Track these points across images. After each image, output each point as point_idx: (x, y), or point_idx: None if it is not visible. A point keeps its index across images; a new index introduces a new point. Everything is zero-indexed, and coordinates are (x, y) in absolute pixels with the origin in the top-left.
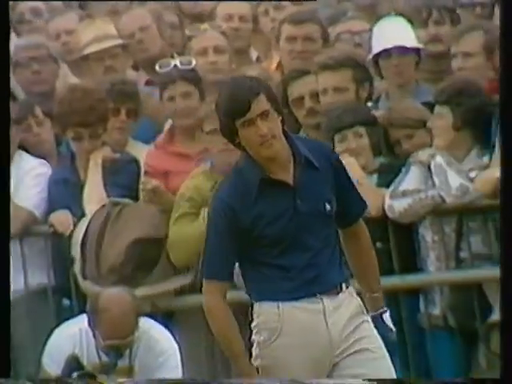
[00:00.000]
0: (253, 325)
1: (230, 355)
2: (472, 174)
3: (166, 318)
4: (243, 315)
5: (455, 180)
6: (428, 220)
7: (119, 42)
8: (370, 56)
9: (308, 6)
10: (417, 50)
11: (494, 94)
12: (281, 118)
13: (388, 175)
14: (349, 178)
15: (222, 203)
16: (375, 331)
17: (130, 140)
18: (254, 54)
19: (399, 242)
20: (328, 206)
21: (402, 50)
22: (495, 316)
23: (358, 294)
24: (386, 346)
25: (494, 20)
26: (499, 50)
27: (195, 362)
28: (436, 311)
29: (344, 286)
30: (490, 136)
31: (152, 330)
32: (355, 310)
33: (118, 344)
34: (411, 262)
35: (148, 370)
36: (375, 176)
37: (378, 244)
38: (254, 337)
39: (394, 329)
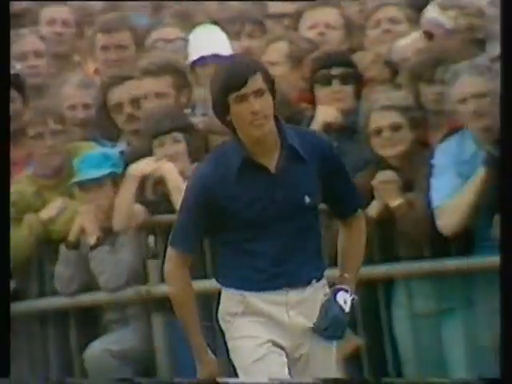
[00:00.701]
0: (218, 312)
1: (183, 325)
2: None
3: None
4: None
5: None
6: None
7: None
8: (187, 63)
9: (120, 13)
10: None
11: (302, 103)
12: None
13: None
14: (345, 172)
15: (198, 180)
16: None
17: None
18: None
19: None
20: (307, 199)
21: (218, 58)
22: None
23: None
24: (334, 325)
25: (299, 31)
26: (501, 51)
27: None
28: None
29: (314, 280)
30: None
31: None
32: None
33: None
34: None
35: None
36: None
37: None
38: (220, 324)
39: (346, 309)
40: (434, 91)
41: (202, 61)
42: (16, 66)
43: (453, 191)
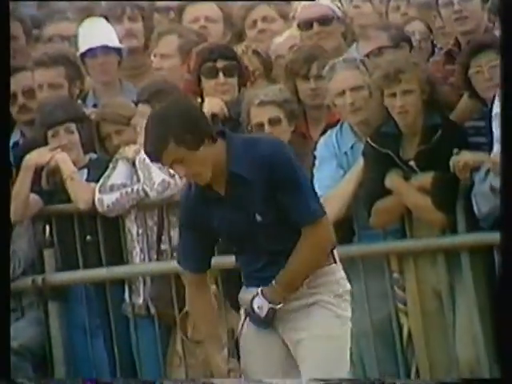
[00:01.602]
0: None
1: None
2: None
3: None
4: None
5: (158, 175)
6: (133, 213)
7: None
8: (78, 54)
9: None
10: (118, 50)
11: (190, 95)
12: (209, 140)
13: (98, 170)
14: (291, 187)
15: (181, 202)
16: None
17: None
18: None
19: (108, 235)
20: (258, 217)
21: (106, 50)
22: None
23: None
24: (256, 323)
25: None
26: (500, 48)
27: None
28: (139, 301)
29: None
30: None
31: None
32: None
33: None
34: (118, 254)
35: None
36: (85, 171)
37: (88, 237)
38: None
39: (261, 315)
40: (310, 86)
41: (92, 52)
42: None
43: (334, 182)
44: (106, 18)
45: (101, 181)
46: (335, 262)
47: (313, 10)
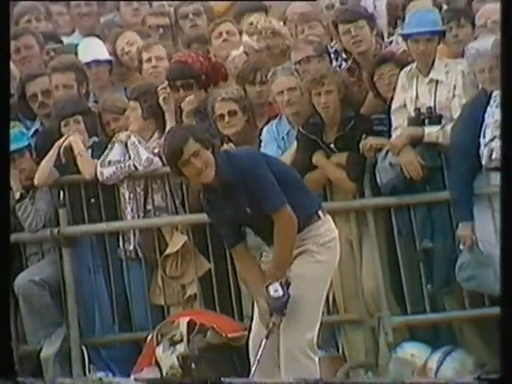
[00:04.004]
0: None
1: (249, 286)
2: (156, 150)
3: None
4: None
5: (144, 154)
6: (126, 182)
7: None
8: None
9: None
10: (109, 61)
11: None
12: (211, 149)
13: (99, 150)
14: (257, 185)
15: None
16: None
17: None
18: None
19: (106, 198)
20: (248, 210)
21: (98, 62)
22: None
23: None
24: (275, 310)
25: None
26: (501, 49)
27: None
28: (130, 247)
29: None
30: None
31: None
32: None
33: None
34: (114, 212)
35: None
36: (90, 151)
37: (92, 200)
38: None
39: (280, 294)
40: (256, 89)
41: (88, 65)
42: None
43: None
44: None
45: (101, 158)
46: (320, 219)
47: (258, 25)
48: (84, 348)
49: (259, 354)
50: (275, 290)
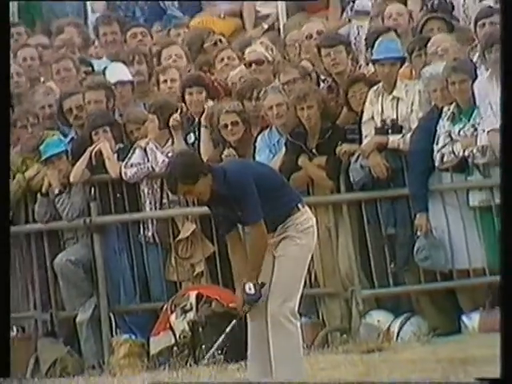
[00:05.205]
0: None
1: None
2: (170, 155)
3: None
4: None
5: (160, 158)
6: (145, 181)
7: None
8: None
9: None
10: (131, 82)
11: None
12: (210, 174)
13: (123, 154)
14: (242, 199)
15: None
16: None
17: None
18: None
19: (129, 193)
20: (240, 214)
21: (122, 83)
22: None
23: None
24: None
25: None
26: (500, 47)
27: None
28: (149, 234)
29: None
30: None
31: None
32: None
33: None
34: (136, 205)
35: None
36: (116, 155)
37: (118, 195)
38: None
39: (252, 292)
40: (252, 105)
41: (114, 85)
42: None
43: (268, 161)
44: (124, 62)
45: (125, 161)
46: (299, 210)
47: (252, 55)
48: (111, 315)
49: (228, 329)
50: (249, 288)
